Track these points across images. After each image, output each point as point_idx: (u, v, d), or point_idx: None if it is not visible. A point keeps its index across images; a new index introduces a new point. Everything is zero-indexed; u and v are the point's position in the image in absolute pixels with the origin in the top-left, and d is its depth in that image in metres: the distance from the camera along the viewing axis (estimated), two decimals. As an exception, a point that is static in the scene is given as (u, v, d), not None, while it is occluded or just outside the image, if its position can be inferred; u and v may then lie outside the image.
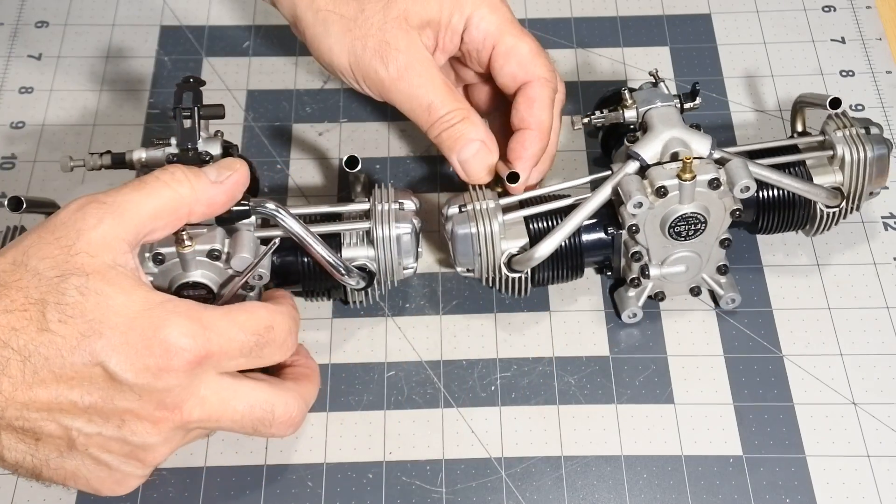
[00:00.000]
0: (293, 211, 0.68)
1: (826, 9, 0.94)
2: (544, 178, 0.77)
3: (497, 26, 0.73)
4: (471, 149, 0.72)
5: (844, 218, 0.76)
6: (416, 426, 0.72)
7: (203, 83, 0.70)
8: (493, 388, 0.73)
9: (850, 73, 0.89)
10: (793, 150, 0.76)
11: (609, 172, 0.71)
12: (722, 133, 0.86)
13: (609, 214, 0.73)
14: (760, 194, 0.74)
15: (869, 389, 0.73)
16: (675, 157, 0.70)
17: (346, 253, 0.72)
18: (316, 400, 0.72)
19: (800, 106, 0.78)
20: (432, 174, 0.84)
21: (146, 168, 0.70)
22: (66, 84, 0.90)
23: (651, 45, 0.91)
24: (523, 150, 0.72)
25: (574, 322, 0.76)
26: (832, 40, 0.92)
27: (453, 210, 0.72)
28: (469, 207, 0.72)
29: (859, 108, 0.87)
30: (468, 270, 0.74)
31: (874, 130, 0.74)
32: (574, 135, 0.86)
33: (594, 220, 0.73)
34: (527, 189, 0.74)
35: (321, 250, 0.68)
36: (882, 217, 0.81)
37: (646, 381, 0.73)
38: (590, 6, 0.94)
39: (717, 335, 0.75)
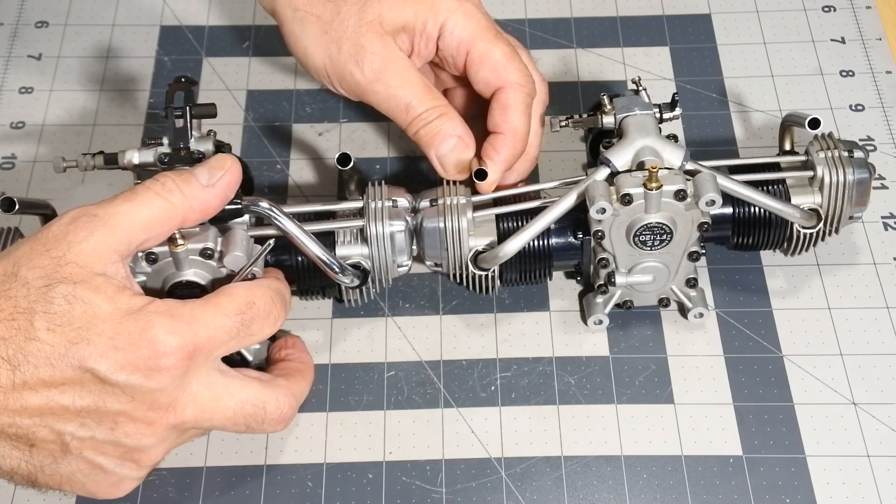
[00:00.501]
0: (286, 209, 0.68)
1: (826, 9, 0.94)
2: (527, 179, 0.77)
3: (470, 33, 0.73)
4: (448, 144, 0.72)
5: (823, 240, 0.76)
6: (416, 426, 0.72)
7: (195, 83, 0.70)
8: (493, 388, 0.73)
9: (850, 73, 0.89)
10: (774, 167, 0.75)
11: (583, 177, 0.71)
12: (721, 134, 0.86)
13: (580, 219, 0.72)
14: (736, 211, 0.74)
15: (869, 389, 0.73)
16: (644, 166, 0.70)
17: (340, 251, 0.72)
18: (316, 400, 0.72)
19: (787, 124, 0.77)
20: (432, 174, 0.84)
21: (139, 168, 0.70)
22: (66, 84, 0.90)
23: (651, 45, 0.91)
24: (495, 154, 0.72)
25: (574, 322, 0.76)
26: (832, 40, 0.92)
27: (424, 203, 0.73)
28: (440, 202, 0.72)
29: (859, 108, 0.87)
30: (436, 265, 0.74)
31: (858, 154, 0.74)
32: (574, 135, 0.86)
33: (564, 224, 0.73)
34: (500, 188, 0.74)
35: (315, 248, 0.68)
36: (882, 217, 0.81)
37: (646, 381, 0.73)
38: (590, 6, 0.94)
39: (717, 335, 0.75)
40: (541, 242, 0.73)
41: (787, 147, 0.78)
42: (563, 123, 0.75)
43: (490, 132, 0.73)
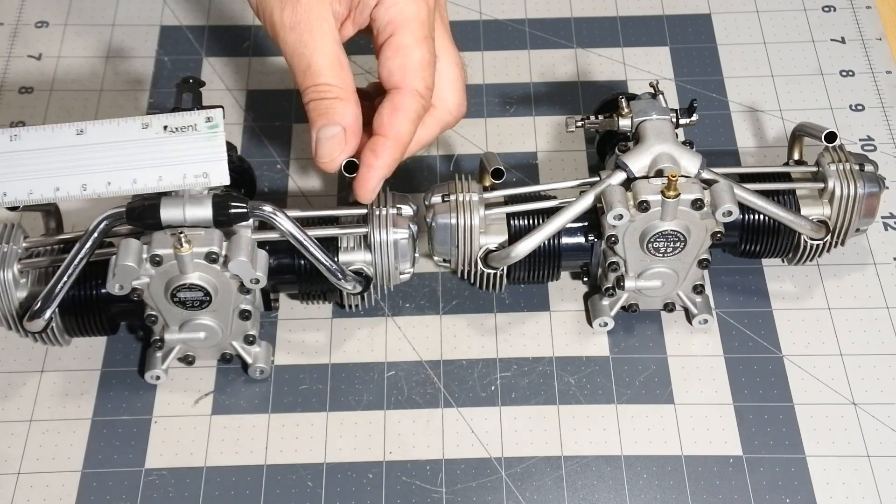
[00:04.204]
0: (290, 214, 0.68)
1: (826, 9, 0.94)
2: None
3: (404, 18, 0.68)
4: (330, 131, 0.67)
5: (828, 252, 0.76)
6: (416, 426, 0.72)
7: (203, 84, 0.70)
8: (493, 387, 0.73)
9: (850, 73, 0.89)
10: (785, 177, 0.75)
11: (597, 179, 0.71)
12: (721, 134, 0.86)
13: (592, 221, 0.72)
14: (746, 218, 0.74)
15: (869, 389, 0.73)
16: (662, 173, 0.69)
17: (343, 257, 0.71)
18: (316, 400, 0.73)
19: (798, 134, 0.77)
20: (431, 175, 0.84)
21: None
22: (66, 84, 0.90)
23: (651, 45, 0.92)
24: (374, 159, 0.67)
25: (574, 322, 0.76)
26: (832, 40, 0.92)
27: (436, 199, 0.72)
28: (452, 198, 0.72)
29: (859, 108, 0.87)
30: (444, 261, 0.74)
31: (868, 168, 0.74)
32: (575, 135, 0.86)
33: (576, 225, 0.73)
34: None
35: (318, 254, 0.68)
36: (882, 217, 0.81)
37: (646, 381, 0.73)
38: (590, 6, 0.94)
39: (717, 335, 0.75)
40: (551, 242, 0.73)
41: (797, 156, 0.77)
42: (579, 124, 0.74)
43: (374, 132, 0.68)
